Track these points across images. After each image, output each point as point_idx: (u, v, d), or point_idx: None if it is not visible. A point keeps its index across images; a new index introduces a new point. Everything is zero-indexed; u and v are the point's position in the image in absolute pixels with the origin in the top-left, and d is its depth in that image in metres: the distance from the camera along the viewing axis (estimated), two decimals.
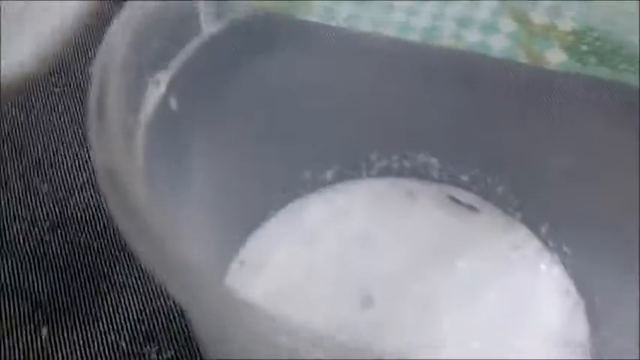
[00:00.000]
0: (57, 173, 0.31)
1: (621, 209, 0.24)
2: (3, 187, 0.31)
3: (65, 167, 0.32)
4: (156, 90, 0.20)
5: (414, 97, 0.26)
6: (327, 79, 0.27)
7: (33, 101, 0.34)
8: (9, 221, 0.30)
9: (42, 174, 0.31)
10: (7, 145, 0.33)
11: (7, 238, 0.29)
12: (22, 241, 0.29)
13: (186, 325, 0.26)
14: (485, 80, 0.27)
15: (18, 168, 0.32)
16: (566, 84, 0.26)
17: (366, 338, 0.23)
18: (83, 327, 0.26)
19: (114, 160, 0.16)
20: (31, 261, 0.28)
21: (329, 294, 0.25)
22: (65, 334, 0.26)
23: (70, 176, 0.31)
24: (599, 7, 0.24)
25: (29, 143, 0.33)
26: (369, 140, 0.28)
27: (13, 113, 0.34)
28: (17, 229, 0.29)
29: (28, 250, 0.29)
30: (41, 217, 0.30)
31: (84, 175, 0.31)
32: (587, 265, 0.24)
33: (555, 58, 0.27)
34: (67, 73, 0.36)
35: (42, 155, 0.32)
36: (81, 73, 0.35)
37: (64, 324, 0.26)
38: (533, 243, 0.26)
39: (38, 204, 0.30)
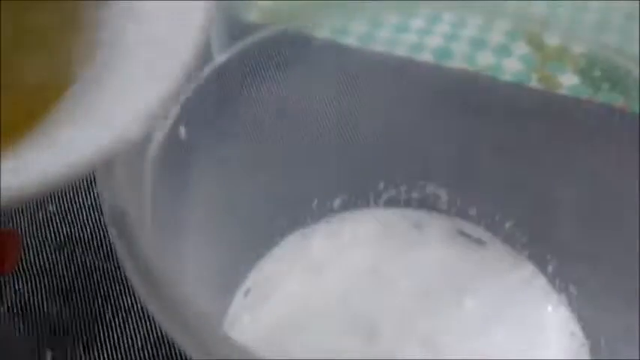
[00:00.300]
0: (65, 193, 0.31)
1: (629, 250, 0.23)
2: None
3: (74, 187, 0.32)
4: (164, 122, 0.20)
5: (423, 124, 0.26)
6: (336, 104, 0.27)
7: None
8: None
9: (50, 193, 0.32)
10: None
11: None
12: (30, 259, 0.29)
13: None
14: (495, 107, 0.27)
15: None
16: (578, 112, 0.26)
17: None
18: (88, 352, 0.26)
19: (122, 204, 0.16)
20: (39, 281, 0.28)
21: (334, 325, 0.25)
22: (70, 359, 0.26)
23: (78, 196, 0.31)
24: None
25: None
26: (376, 169, 0.28)
27: None
28: (25, 245, 0.29)
29: (36, 269, 0.29)
30: (49, 236, 0.30)
31: (92, 195, 0.31)
32: (593, 306, 0.24)
33: (568, 81, 0.27)
34: None
35: None
36: None
37: (69, 348, 0.26)
38: (541, 281, 0.25)
39: (46, 223, 0.30)
